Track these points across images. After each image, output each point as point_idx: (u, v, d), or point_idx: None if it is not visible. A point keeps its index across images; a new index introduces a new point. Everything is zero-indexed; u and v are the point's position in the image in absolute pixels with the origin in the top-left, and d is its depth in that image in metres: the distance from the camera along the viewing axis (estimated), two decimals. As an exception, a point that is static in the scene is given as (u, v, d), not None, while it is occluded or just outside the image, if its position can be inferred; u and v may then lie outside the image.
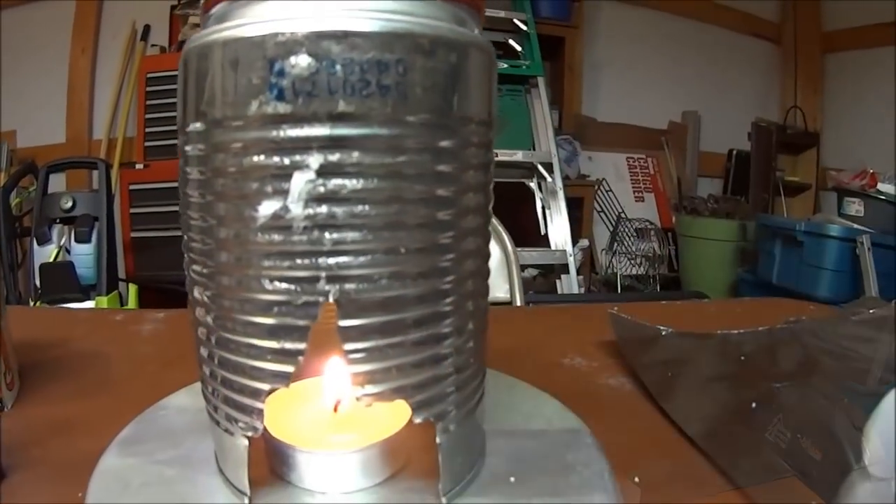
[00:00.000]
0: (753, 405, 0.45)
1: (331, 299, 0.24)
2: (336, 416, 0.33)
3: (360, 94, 0.23)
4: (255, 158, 0.23)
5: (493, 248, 0.80)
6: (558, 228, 2.56)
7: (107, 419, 0.37)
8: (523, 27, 2.82)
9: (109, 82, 3.02)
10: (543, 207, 2.61)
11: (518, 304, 1.15)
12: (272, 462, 0.31)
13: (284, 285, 0.24)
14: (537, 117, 2.76)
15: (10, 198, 2.24)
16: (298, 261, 0.24)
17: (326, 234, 0.23)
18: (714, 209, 3.47)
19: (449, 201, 0.26)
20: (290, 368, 0.25)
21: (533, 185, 2.64)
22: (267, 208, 0.23)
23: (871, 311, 0.68)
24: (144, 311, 0.75)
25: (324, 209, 0.23)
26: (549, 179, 2.60)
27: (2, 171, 2.71)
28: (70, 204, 2.12)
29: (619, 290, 3.27)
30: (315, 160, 0.23)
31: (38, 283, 2.02)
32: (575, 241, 2.60)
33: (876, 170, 2.81)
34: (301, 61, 0.22)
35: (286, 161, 0.23)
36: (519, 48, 2.79)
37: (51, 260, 2.04)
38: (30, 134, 2.96)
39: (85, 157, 2.70)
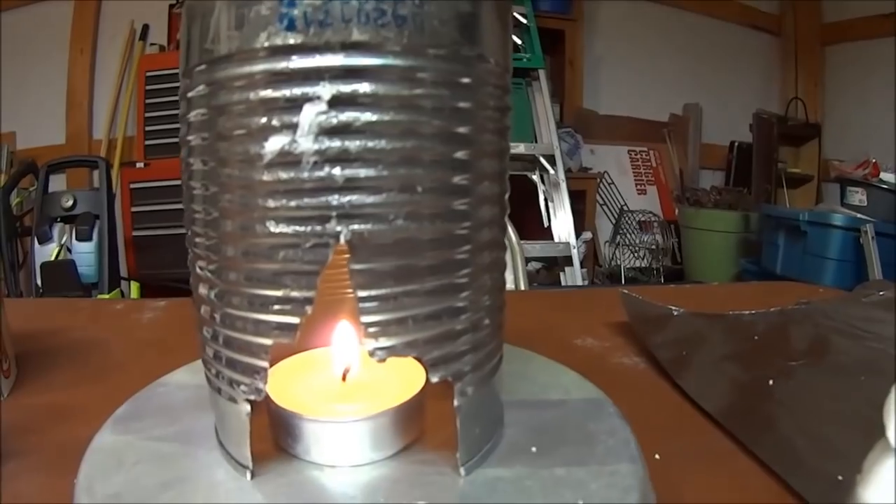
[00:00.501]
0: (771, 382, 0.45)
1: (342, 241, 0.22)
2: (345, 386, 0.32)
3: (375, 23, 0.21)
4: (262, 92, 0.22)
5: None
6: (561, 221, 2.55)
7: (105, 406, 0.35)
8: (523, 20, 2.82)
9: (109, 82, 3.02)
10: (546, 200, 2.60)
11: (523, 293, 1.14)
12: (276, 434, 0.30)
13: (292, 227, 0.23)
14: (539, 110, 2.76)
15: (10, 197, 2.23)
16: (307, 200, 0.22)
17: (338, 170, 0.22)
18: (717, 201, 3.46)
19: (466, 140, 0.24)
20: (295, 320, 0.23)
21: (535, 177, 2.63)
22: (274, 144, 0.22)
23: (880, 292, 0.67)
24: (145, 300, 0.74)
25: (336, 143, 0.22)
26: (551, 172, 2.59)
27: (2, 173, 2.71)
28: (71, 202, 2.12)
29: (622, 282, 3.26)
30: (327, 91, 0.21)
31: (39, 282, 2.02)
32: (578, 234, 2.59)
33: (878, 159, 2.81)
34: (314, -11, 0.21)
35: (296, 92, 0.22)
36: (519, 41, 2.78)
37: (52, 259, 2.03)
38: (30, 135, 2.96)
39: (85, 156, 2.70)
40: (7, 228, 2.13)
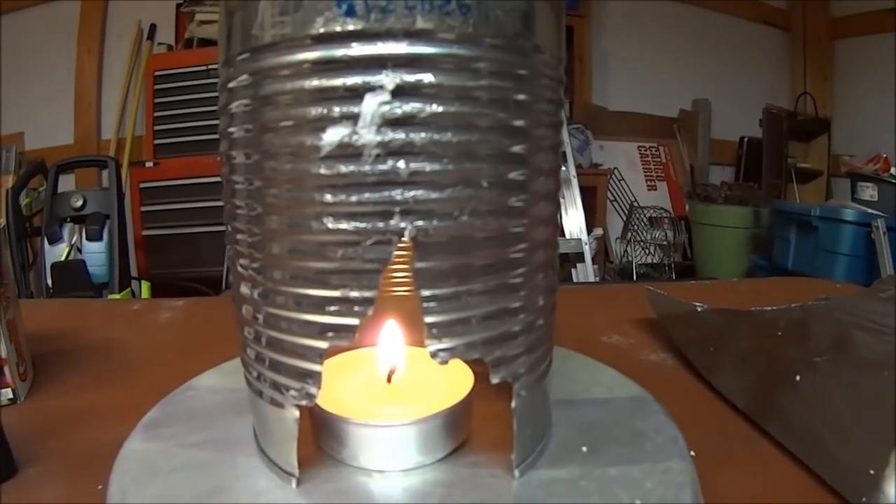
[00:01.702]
0: (798, 378, 0.44)
1: (406, 238, 0.21)
2: (390, 387, 0.31)
3: (440, 11, 0.21)
4: (316, 81, 0.21)
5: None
6: (573, 217, 2.54)
7: (126, 408, 0.34)
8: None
9: (117, 82, 3.02)
10: (557, 197, 2.59)
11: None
12: (320, 439, 0.29)
13: (352, 224, 0.22)
14: (548, 106, 2.74)
15: (19, 198, 2.23)
16: (368, 195, 0.21)
17: (402, 164, 0.21)
18: (727, 196, 3.44)
19: (524, 133, 0.24)
20: (354, 321, 0.22)
21: (546, 174, 2.62)
22: (333, 135, 0.21)
23: (896, 288, 0.67)
24: (161, 300, 0.73)
25: (400, 135, 0.21)
26: (562, 168, 2.57)
27: (11, 174, 2.71)
28: (80, 202, 2.11)
29: (634, 279, 3.25)
30: (390, 80, 0.20)
31: (49, 282, 2.01)
32: (589, 230, 2.58)
33: (888, 154, 2.80)
34: (376, -25, 0.20)
35: (357, 81, 0.21)
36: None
37: (62, 259, 2.03)
38: (38, 136, 2.96)
39: (94, 156, 2.70)
40: (17, 229, 2.13)
